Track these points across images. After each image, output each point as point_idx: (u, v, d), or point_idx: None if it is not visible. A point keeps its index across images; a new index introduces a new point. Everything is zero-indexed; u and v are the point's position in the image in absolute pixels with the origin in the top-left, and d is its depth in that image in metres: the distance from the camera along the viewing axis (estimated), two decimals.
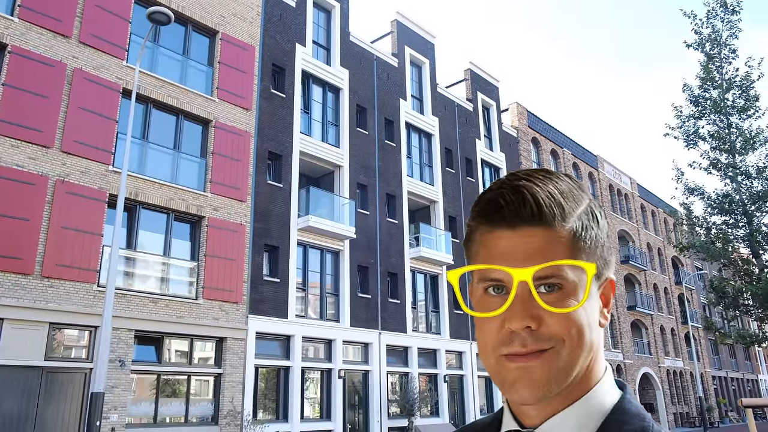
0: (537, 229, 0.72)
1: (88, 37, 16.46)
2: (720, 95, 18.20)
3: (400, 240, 24.59)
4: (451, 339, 25.67)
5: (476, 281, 0.76)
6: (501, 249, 0.73)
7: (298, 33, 22.64)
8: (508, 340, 0.71)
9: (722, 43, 18.23)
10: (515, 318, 0.70)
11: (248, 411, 17.43)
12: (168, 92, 18.03)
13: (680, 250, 18.90)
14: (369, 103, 25.05)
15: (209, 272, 17.59)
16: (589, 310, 0.73)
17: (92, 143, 15.91)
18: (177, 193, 17.49)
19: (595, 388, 0.76)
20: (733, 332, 19.06)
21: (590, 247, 0.74)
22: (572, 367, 0.71)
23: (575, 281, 0.71)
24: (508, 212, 0.73)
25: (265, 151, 20.28)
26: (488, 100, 32.76)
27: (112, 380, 14.94)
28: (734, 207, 17.29)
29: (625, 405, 0.75)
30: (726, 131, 18.24)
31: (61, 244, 14.76)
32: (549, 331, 0.70)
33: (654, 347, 42.76)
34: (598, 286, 0.76)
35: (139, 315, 15.83)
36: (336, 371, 20.45)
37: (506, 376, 0.72)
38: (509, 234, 0.73)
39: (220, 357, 17.52)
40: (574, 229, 0.73)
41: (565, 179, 0.78)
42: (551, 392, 0.71)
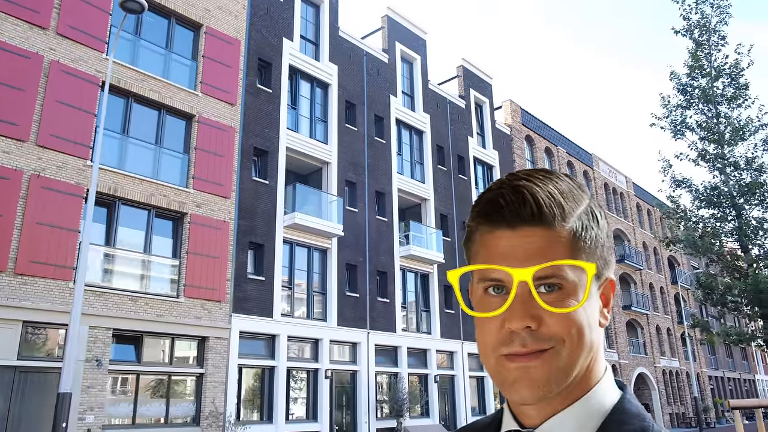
0: (537, 229, 0.72)
1: (66, 29, 16.09)
2: (708, 83, 17.70)
3: (390, 238, 24.23)
4: (442, 339, 25.31)
5: (476, 281, 0.76)
6: (501, 249, 0.73)
7: (286, 27, 22.27)
8: (508, 340, 0.71)
9: (711, 29, 17.76)
10: (515, 318, 0.70)
11: (231, 412, 17.06)
12: (150, 86, 17.66)
13: (667, 244, 18.46)
14: (358, 99, 24.69)
15: (191, 270, 17.22)
16: (589, 310, 0.73)
17: (69, 137, 15.53)
18: (158, 189, 17.12)
19: (595, 388, 0.75)
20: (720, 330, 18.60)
21: (590, 247, 0.74)
22: (572, 367, 0.71)
23: (575, 281, 0.71)
24: (508, 212, 0.73)
25: (251, 146, 19.91)
26: (481, 97, 32.41)
27: (89, 380, 14.57)
28: (722, 200, 16.87)
29: (625, 405, 0.75)
30: (714, 121, 17.76)
31: (36, 241, 14.38)
32: (549, 331, 0.70)
33: (650, 347, 42.45)
34: (598, 286, 0.76)
35: (118, 313, 15.45)
36: (323, 371, 20.08)
37: (506, 376, 0.72)
38: (509, 234, 0.73)
39: (203, 356, 17.15)
40: (574, 229, 0.73)
41: (565, 179, 0.78)
42: (551, 392, 0.71)
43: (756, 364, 62.73)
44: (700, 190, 17.35)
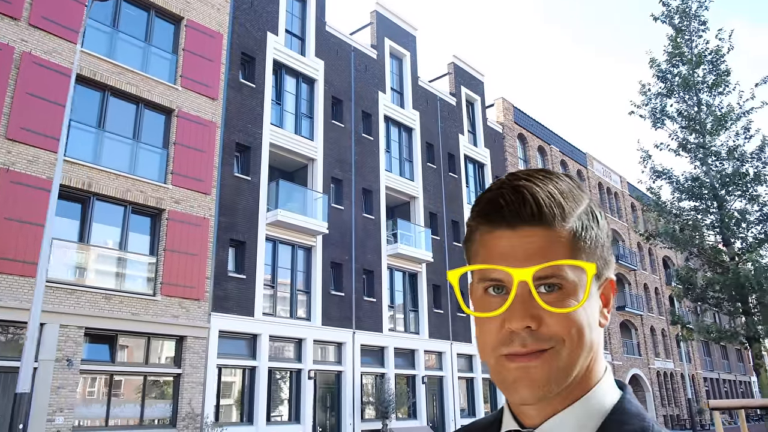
0: (537, 229, 0.72)
1: (39, 20, 15.67)
2: (689, 70, 17.18)
3: (377, 236, 23.82)
4: (430, 339, 24.89)
5: (476, 281, 0.76)
6: (501, 249, 0.73)
7: (270, 21, 21.86)
8: (508, 340, 0.71)
9: (692, 15, 17.32)
10: (515, 318, 0.70)
11: (209, 413, 16.62)
12: (127, 79, 17.24)
13: (646, 238, 17.97)
14: (345, 95, 24.29)
15: (169, 268, 16.79)
16: (589, 310, 0.73)
17: (41, 131, 15.10)
18: (135, 185, 16.69)
19: (595, 388, 0.75)
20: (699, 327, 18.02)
21: (590, 247, 0.74)
22: (572, 367, 0.71)
23: (575, 281, 0.71)
24: (508, 212, 0.73)
25: (233, 142, 19.49)
26: (472, 95, 32.03)
27: (59, 380, 14.14)
28: (704, 191, 16.31)
29: (625, 405, 0.75)
30: (695, 109, 17.23)
31: (4, 236, 13.95)
32: (549, 331, 0.70)
33: (644, 348, 42.07)
34: (598, 286, 0.76)
35: (91, 312, 15.02)
36: (306, 372, 19.64)
37: (506, 376, 0.71)
38: (509, 234, 0.73)
39: (180, 356, 16.70)
40: (574, 229, 0.73)
41: (565, 179, 0.77)
42: (551, 392, 0.70)
43: (752, 365, 62.33)
44: (680, 181, 16.81)
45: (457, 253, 27.67)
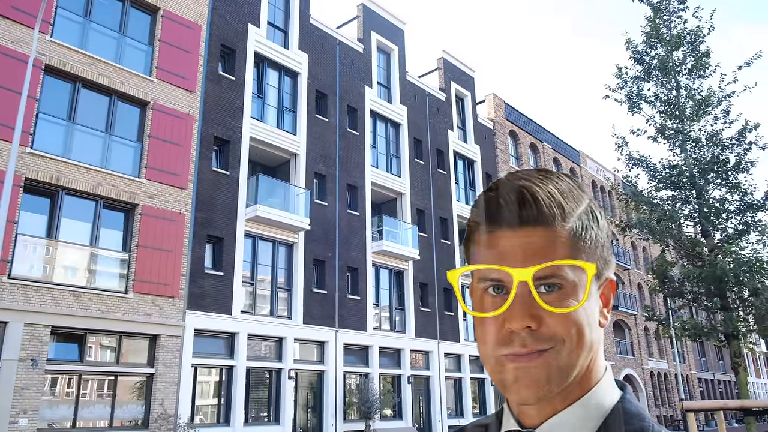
0: (537, 229, 0.71)
1: (7, 9, 15.18)
2: (667, 52, 16.48)
3: (362, 233, 23.33)
4: (416, 338, 24.41)
5: (476, 281, 0.75)
6: (501, 249, 0.72)
7: (252, 13, 21.36)
8: (508, 340, 0.70)
9: None
10: (515, 318, 0.69)
11: (183, 414, 16.13)
12: (99, 70, 16.73)
13: (622, 230, 17.41)
14: (330, 89, 23.79)
15: (141, 264, 16.29)
16: (589, 310, 0.72)
17: (7, 123, 14.59)
18: (106, 179, 16.19)
19: (595, 388, 0.74)
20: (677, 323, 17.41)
21: (590, 247, 0.73)
22: (572, 367, 0.70)
23: (575, 281, 0.70)
24: (507, 212, 0.72)
25: (211, 136, 19.00)
26: (463, 91, 31.54)
27: (23, 381, 13.64)
28: (683, 180, 15.61)
29: (625, 405, 0.74)
30: (674, 93, 16.54)
31: None
32: (549, 331, 0.69)
33: (637, 348, 41.63)
34: (598, 286, 0.75)
35: (57, 310, 14.51)
36: (286, 371, 19.16)
37: (506, 376, 0.71)
38: (509, 234, 0.72)
39: (153, 356, 16.21)
40: (574, 229, 0.72)
41: (565, 179, 0.77)
42: (551, 392, 0.70)
43: (747, 366, 62.00)
44: (658, 169, 16.17)
45: (446, 251, 27.19)
